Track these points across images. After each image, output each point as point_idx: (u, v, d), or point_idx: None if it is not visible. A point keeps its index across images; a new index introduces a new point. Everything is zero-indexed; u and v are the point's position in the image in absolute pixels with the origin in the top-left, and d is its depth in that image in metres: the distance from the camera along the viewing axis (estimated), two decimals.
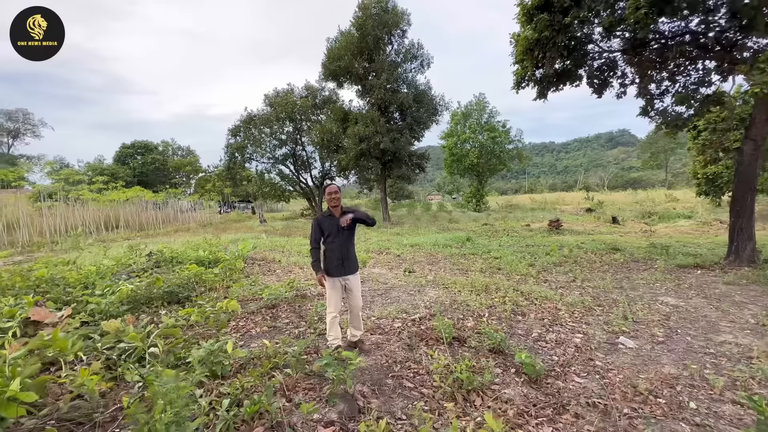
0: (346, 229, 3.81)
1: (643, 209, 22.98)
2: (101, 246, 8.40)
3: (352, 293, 3.85)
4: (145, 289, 4.97)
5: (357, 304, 3.88)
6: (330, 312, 3.75)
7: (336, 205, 3.81)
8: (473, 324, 4.64)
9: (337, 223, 3.74)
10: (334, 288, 3.75)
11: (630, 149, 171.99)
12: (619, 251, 10.09)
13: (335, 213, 3.84)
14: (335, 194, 3.80)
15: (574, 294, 6.11)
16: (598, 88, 10.70)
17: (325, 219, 3.86)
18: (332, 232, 3.78)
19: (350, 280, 3.82)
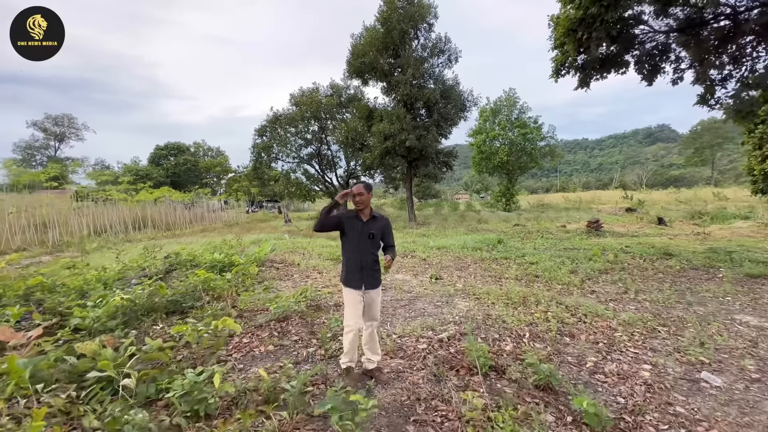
0: (371, 239, 3.27)
1: (692, 209, 21.15)
2: (117, 247, 8.17)
3: (369, 308, 3.29)
4: (147, 298, 4.55)
5: (375, 317, 3.33)
6: (348, 328, 3.19)
7: (362, 208, 3.26)
8: (512, 347, 3.92)
9: (363, 228, 3.26)
10: (354, 301, 3.20)
11: (670, 145, 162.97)
12: (673, 257, 8.99)
13: (361, 216, 3.29)
14: (360, 195, 3.22)
15: (629, 309, 5.25)
16: (648, 75, 9.63)
17: (350, 218, 3.30)
18: (354, 234, 3.26)
19: (372, 295, 3.28)
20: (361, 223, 3.27)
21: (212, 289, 5.30)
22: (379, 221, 3.33)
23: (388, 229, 3.40)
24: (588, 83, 8.91)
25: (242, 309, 5.06)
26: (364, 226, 3.26)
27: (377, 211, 3.43)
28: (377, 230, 3.29)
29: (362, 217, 3.28)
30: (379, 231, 3.32)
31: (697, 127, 68.10)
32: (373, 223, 3.29)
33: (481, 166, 36.01)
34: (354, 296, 3.19)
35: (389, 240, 3.42)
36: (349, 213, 3.35)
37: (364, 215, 3.28)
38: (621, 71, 9.53)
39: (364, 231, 3.25)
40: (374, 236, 3.27)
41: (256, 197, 44.26)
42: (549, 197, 50.42)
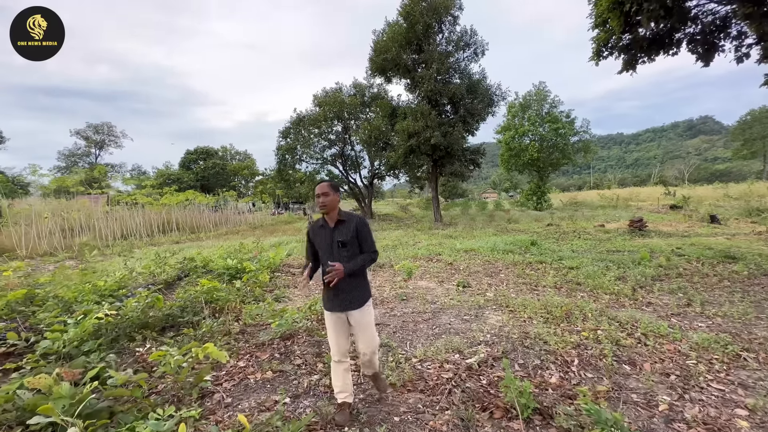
0: (342, 247, 2.68)
1: (748, 205, 19.24)
2: (127, 253, 7.93)
3: (356, 335, 2.76)
4: (141, 312, 4.12)
5: (364, 350, 2.75)
6: (334, 360, 2.74)
7: (327, 211, 2.72)
8: (558, 378, 3.20)
9: (330, 236, 2.70)
10: (333, 325, 2.73)
11: (714, 138, 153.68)
12: (738, 260, 7.86)
13: (329, 221, 2.74)
14: (324, 196, 2.66)
15: (697, 327, 4.38)
16: (704, 55, 8.52)
17: (317, 229, 2.79)
18: (323, 248, 2.73)
19: (353, 317, 2.72)
20: (329, 230, 2.72)
21: (215, 301, 4.84)
22: (349, 224, 2.73)
23: (363, 231, 2.75)
24: (634, 66, 7.91)
25: (246, 323, 4.56)
26: (332, 234, 2.71)
27: (348, 212, 2.84)
28: (348, 235, 2.69)
29: (329, 223, 2.73)
30: (352, 236, 2.70)
31: (747, 117, 63.32)
32: (341, 228, 2.71)
33: (510, 164, 34.63)
34: (332, 320, 2.72)
35: (367, 245, 2.77)
36: (317, 223, 2.80)
37: (331, 220, 2.73)
38: (672, 52, 8.48)
39: (333, 239, 2.69)
40: (345, 244, 2.68)
41: (282, 199, 44.58)
42: (582, 195, 48.10)
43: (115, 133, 61.27)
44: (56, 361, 2.92)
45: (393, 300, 5.87)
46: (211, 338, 3.97)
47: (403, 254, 10.15)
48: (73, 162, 59.19)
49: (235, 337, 4.12)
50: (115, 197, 21.04)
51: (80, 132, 58.24)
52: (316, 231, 2.79)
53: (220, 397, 2.92)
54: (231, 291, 5.48)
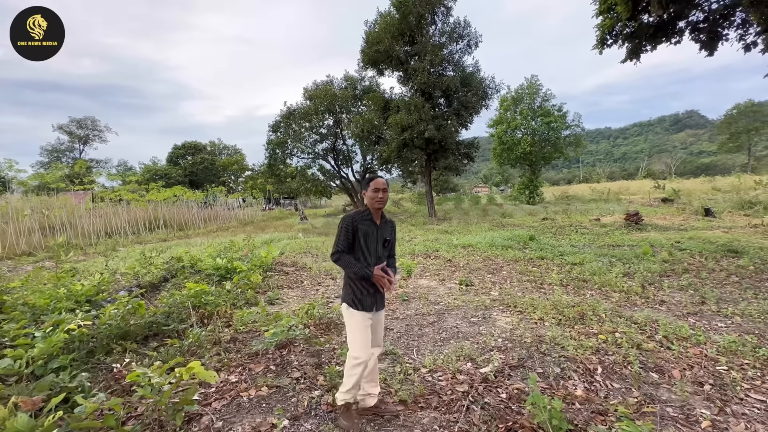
0: (385, 246, 2.68)
1: (740, 198, 19.34)
2: (109, 253, 7.48)
3: (375, 332, 2.71)
4: (120, 320, 3.73)
5: (376, 351, 2.73)
6: (358, 361, 2.48)
7: (381, 206, 2.59)
8: (584, 390, 2.92)
9: (377, 233, 2.59)
10: (365, 326, 2.53)
11: (700, 132, 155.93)
12: (741, 254, 7.73)
13: (376, 219, 2.60)
14: (384, 192, 2.57)
15: (717, 327, 4.15)
16: (707, 44, 8.29)
17: (364, 222, 2.55)
18: (369, 245, 2.55)
19: (379, 316, 2.74)
20: (375, 227, 2.59)
21: (203, 306, 4.46)
22: (390, 224, 2.75)
23: (395, 233, 2.84)
24: (638, 54, 7.66)
25: (237, 330, 4.20)
26: (379, 231, 2.61)
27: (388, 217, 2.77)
28: (391, 234, 2.73)
29: (376, 220, 2.60)
30: (392, 236, 2.76)
31: (733, 111, 64.18)
32: (386, 227, 2.68)
33: (503, 158, 34.48)
34: (365, 321, 2.54)
35: (394, 248, 2.84)
36: (361, 216, 2.56)
37: (377, 217, 2.62)
38: (675, 41, 8.25)
39: (380, 237, 2.61)
40: (389, 243, 2.70)
41: (272, 195, 43.92)
42: (573, 188, 48.25)
43: (99, 128, 59.64)
44: (18, 384, 2.54)
45: (394, 301, 5.56)
46: (199, 348, 3.60)
47: (400, 251, 9.84)
48: (56, 158, 57.52)
49: (226, 347, 3.76)
50: (99, 194, 20.32)
51: (63, 127, 56.57)
52: (363, 225, 2.54)
53: (209, 420, 2.57)
54: (221, 294, 5.11)
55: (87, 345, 3.38)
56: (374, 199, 2.53)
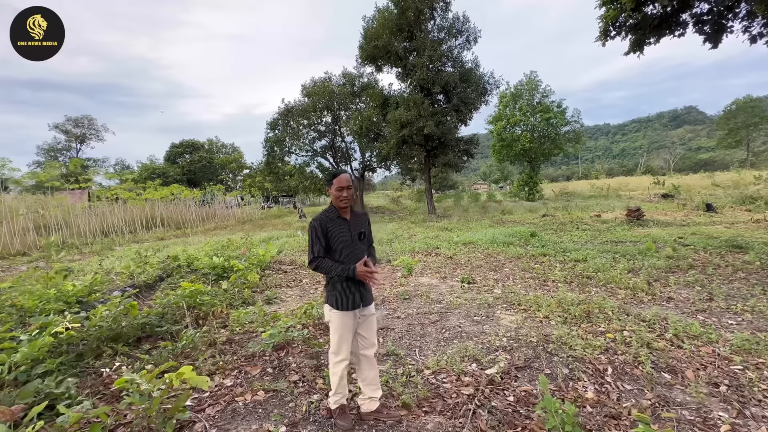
0: (362, 240, 2.58)
1: (741, 193, 19.24)
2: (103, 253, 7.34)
3: (363, 335, 2.58)
4: (113, 321, 3.60)
5: (371, 351, 2.60)
6: (340, 357, 2.48)
7: (346, 205, 2.50)
8: (595, 393, 2.79)
9: (350, 228, 2.52)
10: (350, 326, 2.48)
11: (698, 128, 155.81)
12: (746, 250, 7.61)
13: (345, 215, 2.53)
14: (348, 190, 2.46)
15: (728, 325, 4.03)
16: (711, 36, 8.15)
17: (332, 221, 2.49)
18: (344, 243, 2.47)
19: (367, 317, 2.59)
20: (346, 222, 2.53)
21: (198, 306, 4.33)
22: (362, 216, 2.70)
23: (370, 223, 2.76)
24: (642, 46, 7.52)
25: (233, 331, 4.07)
26: (351, 226, 2.54)
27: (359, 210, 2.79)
28: (365, 227, 2.66)
29: (345, 216, 2.53)
30: (367, 227, 2.68)
31: (732, 107, 64.08)
32: (357, 220, 2.61)
33: (502, 155, 34.35)
34: (350, 320, 2.48)
35: (371, 238, 2.78)
36: (328, 216, 2.48)
37: (346, 212, 2.54)
38: (678, 33, 8.12)
39: (353, 231, 2.53)
40: (365, 235, 2.62)
41: (271, 192, 43.74)
42: (573, 185, 48.20)
43: (96, 127, 59.28)
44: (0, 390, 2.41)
45: (395, 299, 5.43)
46: (193, 351, 3.47)
47: (400, 248, 9.71)
48: (54, 157, 57.16)
49: (221, 349, 3.63)
50: (96, 192, 20.14)
51: (59, 126, 56.17)
52: (332, 224, 2.47)
53: (203, 427, 2.44)
54: (217, 293, 4.98)
55: (76, 348, 3.24)
56: (338, 198, 2.44)
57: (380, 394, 2.63)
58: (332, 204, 2.52)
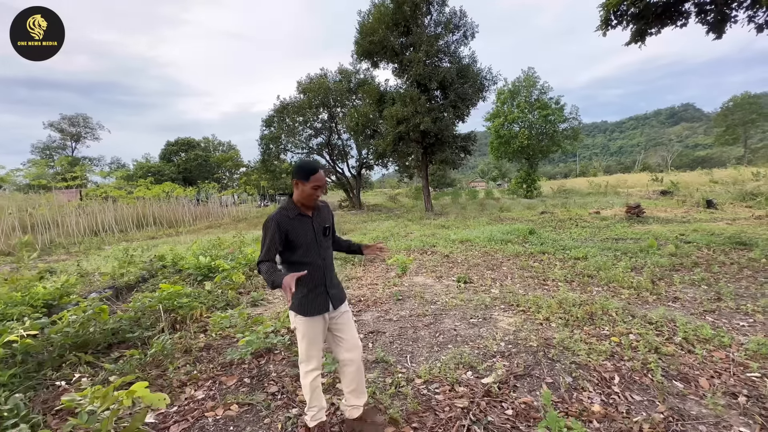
0: (326, 236, 2.33)
1: (741, 190, 19.05)
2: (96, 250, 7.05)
3: (342, 337, 2.32)
4: (80, 326, 3.33)
5: (355, 354, 2.33)
6: (310, 369, 2.25)
7: (314, 204, 2.27)
8: (602, 405, 2.54)
9: (312, 225, 2.24)
10: (318, 332, 2.24)
11: (695, 125, 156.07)
12: (751, 247, 7.39)
13: (307, 211, 2.25)
14: (322, 189, 2.21)
15: (739, 326, 3.79)
16: (715, 26, 7.91)
17: (293, 220, 2.19)
18: (307, 242, 2.20)
19: (339, 316, 2.33)
20: (309, 219, 2.25)
21: (176, 309, 4.05)
22: (324, 209, 2.41)
23: (333, 217, 2.50)
24: (643, 37, 7.27)
25: (212, 336, 3.80)
26: (314, 221, 2.27)
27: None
28: (329, 221, 2.41)
29: (307, 213, 2.25)
30: (331, 221, 2.44)
31: (730, 103, 64.04)
32: (320, 215, 2.34)
33: (500, 152, 34.10)
34: (318, 326, 2.24)
35: (334, 231, 2.51)
36: (286, 215, 2.19)
37: (308, 209, 2.26)
38: (681, 23, 7.87)
39: (317, 227, 2.27)
40: (329, 230, 2.37)
41: (267, 191, 43.38)
42: (570, 182, 48.04)
43: (92, 125, 58.84)
44: None
45: (387, 300, 5.17)
46: (165, 359, 3.20)
47: (396, 246, 9.46)
48: (48, 155, 56.62)
49: (197, 356, 3.36)
50: (87, 191, 19.78)
51: (54, 124, 55.69)
52: (291, 223, 2.17)
53: None
54: (199, 295, 4.71)
55: (36, 358, 2.97)
56: (311, 197, 2.17)
57: (365, 401, 2.41)
58: (292, 200, 2.24)
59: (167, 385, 2.86)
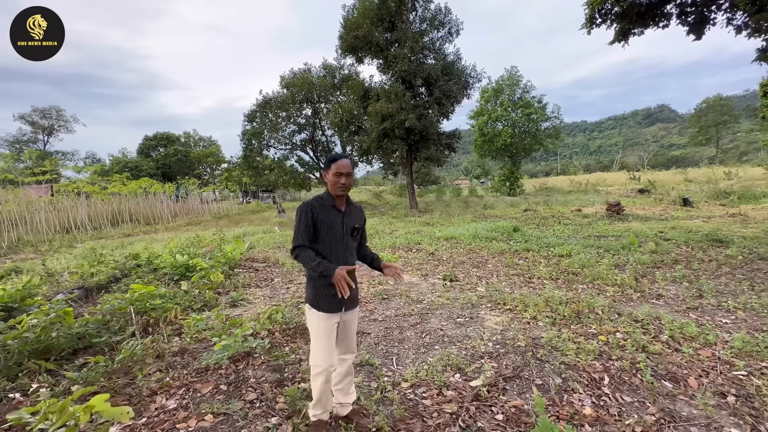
0: (353, 236, 2.23)
1: (715, 188, 19.65)
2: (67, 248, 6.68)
3: (346, 335, 2.29)
4: (41, 331, 3.08)
5: (350, 355, 2.34)
6: (319, 369, 2.14)
7: (343, 193, 2.15)
8: (593, 406, 2.48)
9: (343, 222, 2.15)
10: (329, 330, 2.14)
11: (670, 126, 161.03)
12: (727, 244, 7.56)
13: (340, 205, 2.18)
14: (348, 178, 2.12)
15: (722, 323, 3.82)
16: (695, 27, 8.05)
17: (325, 209, 2.14)
18: (333, 235, 2.12)
19: (350, 317, 2.27)
20: (340, 214, 2.16)
21: (149, 311, 3.83)
22: (357, 210, 2.32)
23: (365, 220, 2.40)
24: (627, 37, 7.34)
25: (188, 339, 3.60)
26: (345, 219, 2.17)
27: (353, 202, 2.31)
28: (360, 222, 2.29)
29: (340, 207, 2.17)
30: (362, 224, 2.33)
31: (703, 105, 66.18)
32: (352, 213, 2.24)
33: (484, 150, 34.39)
34: (329, 323, 2.14)
35: (365, 234, 2.46)
36: (321, 202, 2.12)
37: (341, 203, 2.18)
38: (662, 24, 7.97)
39: (346, 225, 2.17)
40: (358, 231, 2.27)
41: (249, 187, 42.62)
42: (552, 180, 48.85)
43: (65, 118, 56.56)
44: None
45: (372, 299, 5.04)
46: (135, 365, 3.00)
47: (380, 244, 9.34)
48: (19, 149, 54.19)
49: (170, 362, 3.17)
50: (57, 186, 18.95)
51: (25, 116, 53.27)
52: (324, 212, 2.11)
53: None
54: (175, 296, 4.48)
55: None
56: (336, 185, 2.09)
57: (353, 399, 2.38)
58: (327, 190, 2.17)
59: (136, 394, 2.66)
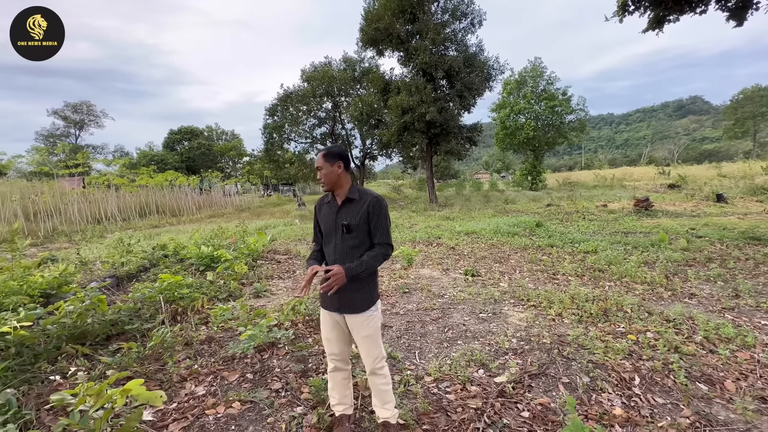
0: (347, 233, 2.00)
1: (751, 184, 18.72)
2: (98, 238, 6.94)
3: (359, 347, 2.13)
4: (77, 317, 3.22)
5: (367, 368, 2.14)
6: (329, 364, 2.21)
7: (327, 187, 2.09)
8: (623, 408, 2.41)
9: (334, 217, 2.06)
10: (329, 326, 2.14)
11: (703, 118, 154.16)
12: (766, 242, 7.21)
13: (337, 199, 2.10)
14: (319, 169, 2.04)
15: (760, 324, 3.64)
16: (736, 13, 7.62)
17: (323, 204, 2.18)
18: (328, 230, 2.10)
19: (353, 324, 2.08)
20: (335, 210, 2.07)
21: (177, 300, 3.94)
22: (360, 204, 2.03)
23: (376, 214, 2.02)
24: (661, 24, 7.00)
25: (215, 328, 3.69)
26: (337, 215, 2.05)
27: (365, 190, 2.12)
28: (356, 219, 2.00)
29: (337, 201, 2.09)
30: (361, 220, 2.01)
31: (740, 96, 62.90)
32: (349, 208, 2.04)
33: (505, 143, 33.70)
34: (326, 317, 2.14)
35: (379, 234, 2.04)
36: (324, 198, 2.22)
37: (339, 196, 2.08)
38: (700, 10, 7.57)
39: (338, 221, 2.04)
40: (351, 229, 2.00)
41: (270, 180, 43.25)
42: (576, 175, 47.55)
43: (95, 113, 58.55)
44: None
45: (394, 293, 5.04)
46: (165, 352, 3.09)
47: (401, 238, 9.31)
48: (52, 143, 56.50)
49: (198, 350, 3.25)
50: (89, 179, 19.72)
51: (58, 111, 55.43)
52: (321, 206, 2.18)
53: None
54: (201, 286, 4.59)
55: (32, 350, 2.86)
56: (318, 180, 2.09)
57: (388, 415, 2.17)
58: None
59: (166, 380, 2.75)
